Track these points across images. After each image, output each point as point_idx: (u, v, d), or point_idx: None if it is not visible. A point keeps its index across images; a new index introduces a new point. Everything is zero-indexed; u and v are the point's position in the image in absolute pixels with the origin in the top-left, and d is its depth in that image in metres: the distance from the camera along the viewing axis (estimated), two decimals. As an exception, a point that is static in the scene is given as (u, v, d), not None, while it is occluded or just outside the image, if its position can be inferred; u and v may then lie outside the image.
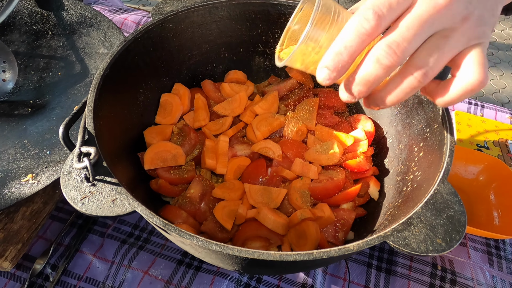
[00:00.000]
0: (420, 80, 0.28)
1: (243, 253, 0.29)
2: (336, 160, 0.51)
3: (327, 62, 0.29)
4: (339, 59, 0.28)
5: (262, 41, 0.62)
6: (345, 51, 0.28)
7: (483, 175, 0.65)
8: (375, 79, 0.28)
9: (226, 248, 0.29)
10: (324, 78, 0.30)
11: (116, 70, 0.45)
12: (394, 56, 0.27)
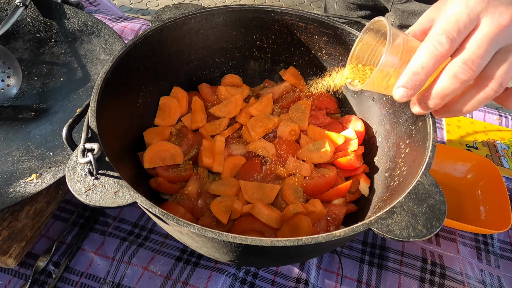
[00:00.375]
0: (496, 90, 0.33)
1: (236, 239, 0.31)
2: (328, 158, 0.53)
3: (405, 82, 0.33)
4: (416, 78, 0.33)
5: (256, 46, 0.65)
6: (422, 71, 0.32)
7: (471, 173, 0.68)
8: (452, 92, 0.33)
9: (221, 235, 0.31)
10: (401, 96, 0.34)
11: (118, 73, 0.48)
12: (470, 71, 0.31)
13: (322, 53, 0.62)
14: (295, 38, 0.62)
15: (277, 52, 0.65)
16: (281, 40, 0.63)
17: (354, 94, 0.62)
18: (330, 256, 0.57)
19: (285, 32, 0.62)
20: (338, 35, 0.58)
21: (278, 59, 0.66)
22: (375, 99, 0.57)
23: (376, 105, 0.57)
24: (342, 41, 0.58)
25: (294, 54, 0.65)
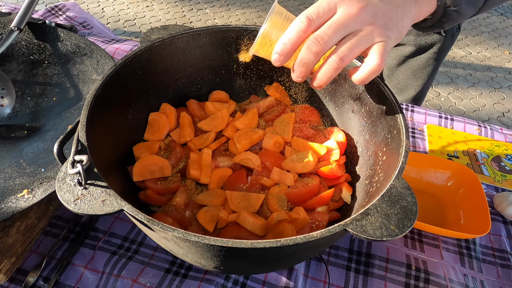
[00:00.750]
0: (337, 61, 0.41)
1: (218, 242, 0.33)
2: (311, 168, 0.55)
3: (277, 49, 0.42)
4: (284, 47, 0.41)
5: (242, 63, 0.68)
6: (288, 42, 0.41)
7: (451, 181, 0.70)
8: (308, 61, 0.41)
9: (203, 238, 0.33)
10: (275, 60, 0.43)
11: (107, 90, 0.50)
12: (318, 45, 0.40)
13: (304, 69, 0.65)
14: (278, 55, 0.66)
15: (262, 69, 0.68)
16: (265, 58, 0.67)
17: (336, 107, 0.65)
18: (317, 265, 0.59)
19: (268, 50, 0.65)
20: (318, 51, 0.61)
21: (262, 76, 0.69)
22: (355, 111, 0.60)
23: (356, 117, 0.60)
24: (322, 57, 0.62)
25: (277, 70, 0.68)
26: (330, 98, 0.65)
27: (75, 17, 1.19)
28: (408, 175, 0.72)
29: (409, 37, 1.00)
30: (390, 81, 1.12)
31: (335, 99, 0.64)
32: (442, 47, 1.00)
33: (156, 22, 3.10)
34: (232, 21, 3.19)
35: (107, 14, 3.16)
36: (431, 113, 0.92)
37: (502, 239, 0.65)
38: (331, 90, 0.64)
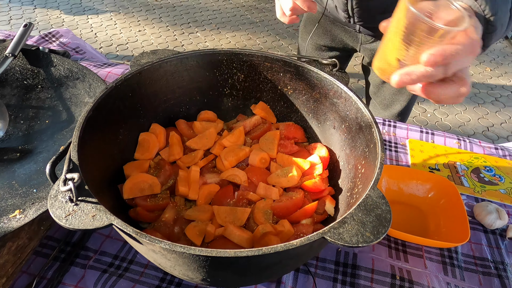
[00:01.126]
0: None
1: (203, 252, 0.35)
2: (295, 182, 0.58)
3: None
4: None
5: (229, 84, 0.71)
6: None
7: (432, 192, 0.73)
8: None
9: (189, 249, 0.35)
10: None
11: (99, 112, 0.53)
12: None
13: (287, 88, 0.69)
14: (262, 76, 0.69)
15: (248, 89, 0.72)
16: (251, 79, 0.70)
17: (318, 124, 0.68)
18: (305, 277, 0.60)
19: (253, 71, 0.69)
20: (299, 72, 0.65)
21: (249, 95, 0.73)
22: (336, 127, 0.63)
23: (337, 132, 0.63)
24: (304, 77, 0.65)
25: (263, 90, 0.71)
26: (313, 115, 0.68)
27: (68, 43, 1.23)
28: (391, 188, 0.74)
29: None
30: (376, 97, 1.16)
31: (318, 116, 0.67)
32: None
33: (148, 46, 3.17)
34: (223, 43, 3.27)
35: (100, 39, 3.22)
36: (412, 128, 0.96)
37: (483, 248, 0.68)
38: (314, 108, 0.67)
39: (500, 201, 0.77)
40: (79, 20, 3.50)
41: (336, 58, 1.17)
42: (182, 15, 3.71)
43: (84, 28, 3.36)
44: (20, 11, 3.57)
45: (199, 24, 3.57)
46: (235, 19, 3.72)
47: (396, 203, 0.73)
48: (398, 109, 1.15)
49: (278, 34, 3.49)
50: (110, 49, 3.09)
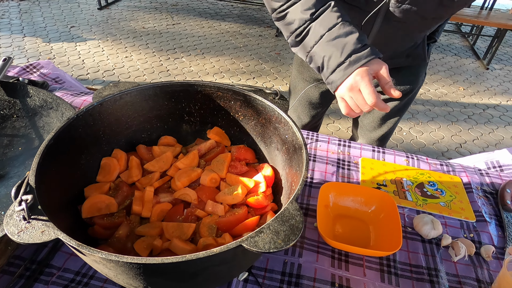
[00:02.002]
0: None
1: (134, 259, 0.41)
2: (240, 199, 0.64)
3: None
4: None
5: (186, 112, 0.79)
6: None
7: (374, 207, 0.80)
8: None
9: (122, 257, 0.41)
10: None
11: (60, 140, 0.59)
12: None
13: (238, 114, 0.76)
14: (216, 104, 0.77)
15: (204, 115, 0.79)
16: (206, 106, 0.78)
17: (265, 146, 0.75)
18: (253, 287, 0.65)
19: (208, 100, 0.77)
20: (247, 100, 0.73)
21: (205, 121, 0.80)
22: (279, 149, 0.70)
23: (280, 154, 0.70)
24: (251, 105, 0.73)
25: (217, 116, 0.79)
26: (261, 138, 0.76)
27: (48, 73, 1.30)
28: (338, 203, 0.81)
29: None
30: (363, 120, 1.24)
31: (265, 139, 0.75)
32: (413, 94, 1.13)
33: (135, 71, 3.27)
34: (207, 68, 3.39)
35: (87, 65, 3.31)
36: (365, 147, 1.04)
37: (419, 256, 0.74)
38: (261, 131, 0.75)
39: (439, 213, 0.84)
40: (68, 47, 3.60)
41: (328, 91, 1.24)
42: (168, 41, 3.85)
43: (72, 55, 3.46)
44: (9, 40, 3.66)
45: (185, 49, 3.70)
46: (219, 44, 3.86)
47: (343, 217, 0.80)
48: (380, 134, 1.23)
49: (260, 58, 3.62)
50: (97, 75, 3.18)
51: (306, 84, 1.19)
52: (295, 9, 0.71)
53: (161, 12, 4.56)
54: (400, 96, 0.66)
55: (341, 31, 0.67)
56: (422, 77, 1.12)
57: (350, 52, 0.66)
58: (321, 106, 1.27)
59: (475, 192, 0.91)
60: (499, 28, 3.60)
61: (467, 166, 1.01)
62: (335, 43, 0.67)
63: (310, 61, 0.73)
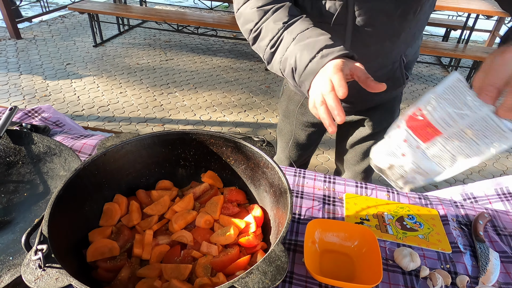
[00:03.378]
0: None
1: (139, 302, 0.46)
2: (232, 240, 0.70)
3: None
4: None
5: (182, 157, 0.86)
6: None
7: (357, 241, 0.86)
8: None
9: (128, 300, 0.46)
10: None
11: (68, 191, 0.65)
12: None
13: (229, 159, 0.84)
14: (209, 150, 0.84)
15: (198, 160, 0.86)
16: (200, 152, 0.85)
17: (255, 188, 0.82)
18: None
19: (201, 146, 0.84)
20: (238, 147, 0.81)
21: (199, 165, 0.87)
22: (267, 191, 0.77)
23: (268, 196, 0.77)
24: (241, 150, 0.81)
25: (210, 161, 0.86)
26: (251, 181, 0.83)
27: (49, 117, 1.37)
28: (323, 239, 0.87)
29: (367, 124, 1.22)
30: (347, 155, 1.32)
31: (254, 182, 0.82)
32: None
33: (129, 106, 3.36)
34: (200, 102, 3.50)
35: (82, 101, 3.40)
36: (349, 183, 1.11)
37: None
38: (251, 175, 0.82)
39: (418, 245, 0.91)
40: (63, 84, 3.70)
41: (317, 131, 1.33)
42: (161, 77, 3.98)
43: (68, 91, 3.55)
44: (6, 78, 3.76)
45: (178, 84, 3.83)
46: (211, 78, 4.00)
47: (329, 252, 0.86)
48: (366, 165, 1.32)
49: (251, 92, 3.75)
50: (92, 111, 3.26)
51: (292, 127, 1.28)
52: (268, 22, 0.76)
53: (155, 48, 4.74)
54: (385, 88, 0.59)
55: (312, 32, 0.69)
56: (397, 113, 1.22)
57: (322, 47, 0.65)
58: (309, 147, 1.35)
59: (451, 224, 0.98)
60: (476, 60, 3.82)
61: (443, 199, 1.09)
62: (307, 42, 0.68)
63: (284, 67, 0.73)
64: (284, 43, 0.73)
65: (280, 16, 0.75)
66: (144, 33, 5.25)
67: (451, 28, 4.74)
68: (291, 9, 0.76)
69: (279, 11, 0.76)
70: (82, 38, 4.95)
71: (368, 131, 1.23)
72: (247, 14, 0.80)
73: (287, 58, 0.72)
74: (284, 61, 0.73)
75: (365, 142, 1.28)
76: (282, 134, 1.34)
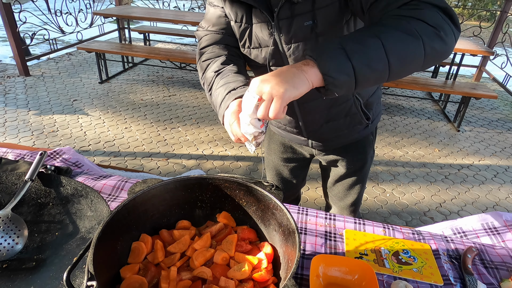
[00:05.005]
0: None
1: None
2: (247, 275, 0.80)
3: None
4: None
5: (199, 199, 0.97)
6: None
7: (357, 275, 0.95)
8: None
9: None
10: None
11: (105, 232, 0.76)
12: None
13: (242, 201, 0.95)
14: (224, 193, 0.95)
15: (213, 202, 0.97)
16: (215, 195, 0.96)
17: (265, 227, 0.92)
18: None
19: (217, 189, 0.95)
20: (249, 190, 0.92)
21: (215, 206, 0.98)
22: (276, 230, 0.88)
23: (277, 234, 0.87)
24: (252, 193, 0.92)
25: (225, 202, 0.97)
26: (261, 221, 0.93)
27: (69, 158, 1.48)
28: (327, 273, 0.96)
29: (341, 163, 1.34)
30: (331, 191, 1.44)
31: (264, 221, 0.92)
32: (365, 169, 1.35)
33: (134, 141, 3.49)
34: (202, 137, 3.63)
35: (88, 137, 3.52)
36: (348, 220, 1.22)
37: (397, 318, 0.88)
38: (261, 215, 0.92)
39: (412, 278, 1.00)
40: (70, 120, 3.84)
41: (299, 166, 1.48)
42: (165, 112, 4.14)
43: (75, 127, 3.68)
44: (15, 114, 3.90)
45: (181, 119, 3.98)
46: (212, 114, 4.16)
47: (332, 285, 0.95)
48: (350, 201, 1.43)
49: (251, 126, 3.90)
50: (98, 146, 3.37)
51: (275, 163, 1.43)
52: (209, 72, 1.02)
53: (158, 85, 4.94)
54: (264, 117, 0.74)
55: (230, 78, 0.92)
56: (371, 154, 1.34)
57: (230, 89, 0.88)
58: (294, 181, 1.47)
59: (442, 257, 1.08)
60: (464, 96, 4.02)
61: (435, 234, 1.19)
62: (225, 86, 0.90)
63: (213, 105, 0.96)
64: (213, 86, 0.97)
65: (214, 67, 1.00)
66: (148, 70, 5.48)
67: (440, 64, 5.00)
68: (224, 62, 1.01)
69: (215, 64, 1.01)
70: (88, 74, 5.16)
71: (343, 170, 1.36)
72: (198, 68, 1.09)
73: (213, 99, 0.96)
74: (213, 102, 0.97)
75: (343, 180, 1.39)
76: (269, 169, 1.48)
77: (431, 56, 0.70)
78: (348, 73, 0.66)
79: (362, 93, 1.14)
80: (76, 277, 0.81)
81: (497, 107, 4.88)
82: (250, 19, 0.96)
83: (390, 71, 0.68)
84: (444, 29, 0.69)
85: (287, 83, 0.66)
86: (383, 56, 0.66)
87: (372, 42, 0.66)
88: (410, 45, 0.67)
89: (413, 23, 0.68)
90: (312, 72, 0.67)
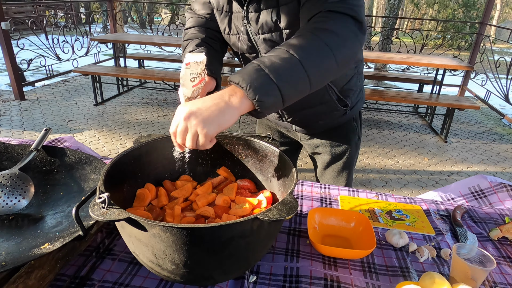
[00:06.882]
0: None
1: (186, 226, 0.59)
2: (248, 212, 0.83)
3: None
4: None
5: (200, 156, 1.02)
6: None
7: (353, 223, 0.99)
8: None
9: (178, 225, 0.59)
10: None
11: (113, 169, 0.80)
12: None
13: (241, 155, 1.00)
14: (223, 149, 1.01)
15: (214, 158, 1.02)
16: (215, 151, 1.01)
17: (264, 178, 0.97)
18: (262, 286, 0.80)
19: (217, 145, 1.00)
20: (248, 143, 0.98)
21: (215, 163, 1.03)
22: (274, 175, 0.93)
23: (275, 179, 0.92)
24: (251, 146, 0.97)
25: (224, 158, 1.02)
26: (260, 172, 0.98)
27: (70, 146, 1.52)
28: (323, 223, 1.00)
29: (326, 149, 1.40)
30: (321, 179, 1.49)
31: (263, 171, 0.97)
32: (351, 155, 1.40)
33: (129, 156, 3.50)
34: (197, 151, 3.68)
35: (83, 152, 3.54)
36: (342, 189, 1.27)
37: (392, 259, 0.92)
38: (259, 166, 0.98)
39: (406, 230, 1.04)
40: (65, 138, 3.86)
41: (288, 150, 1.53)
42: (159, 130, 4.20)
43: (70, 144, 3.70)
44: (9, 133, 3.92)
45: (175, 136, 4.03)
46: (207, 130, 4.23)
47: (329, 236, 0.98)
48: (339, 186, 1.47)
49: (245, 141, 3.97)
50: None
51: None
52: (186, 51, 1.07)
53: (152, 106, 5.04)
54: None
55: None
56: (355, 141, 1.39)
57: None
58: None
59: (433, 215, 1.13)
60: (449, 108, 4.19)
61: (425, 199, 1.24)
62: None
63: None
64: None
65: (189, 47, 1.06)
66: (142, 93, 5.61)
67: (424, 82, 5.24)
68: (199, 44, 1.07)
69: (191, 45, 1.07)
70: (83, 98, 5.25)
71: (328, 157, 1.41)
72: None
73: None
74: None
75: (330, 167, 1.44)
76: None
77: (342, 64, 0.80)
78: (275, 94, 0.73)
79: (335, 81, 1.20)
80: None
81: (481, 121, 5.07)
82: (230, 8, 1.08)
83: (311, 84, 0.77)
84: (350, 37, 0.80)
85: (212, 123, 0.70)
86: (303, 73, 0.74)
87: (293, 63, 0.73)
88: (324, 60, 0.76)
89: (323, 36, 0.76)
90: (241, 103, 0.72)
